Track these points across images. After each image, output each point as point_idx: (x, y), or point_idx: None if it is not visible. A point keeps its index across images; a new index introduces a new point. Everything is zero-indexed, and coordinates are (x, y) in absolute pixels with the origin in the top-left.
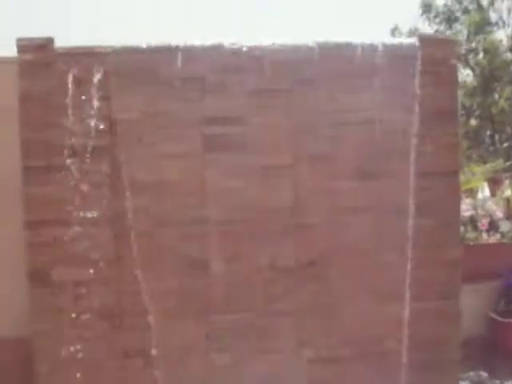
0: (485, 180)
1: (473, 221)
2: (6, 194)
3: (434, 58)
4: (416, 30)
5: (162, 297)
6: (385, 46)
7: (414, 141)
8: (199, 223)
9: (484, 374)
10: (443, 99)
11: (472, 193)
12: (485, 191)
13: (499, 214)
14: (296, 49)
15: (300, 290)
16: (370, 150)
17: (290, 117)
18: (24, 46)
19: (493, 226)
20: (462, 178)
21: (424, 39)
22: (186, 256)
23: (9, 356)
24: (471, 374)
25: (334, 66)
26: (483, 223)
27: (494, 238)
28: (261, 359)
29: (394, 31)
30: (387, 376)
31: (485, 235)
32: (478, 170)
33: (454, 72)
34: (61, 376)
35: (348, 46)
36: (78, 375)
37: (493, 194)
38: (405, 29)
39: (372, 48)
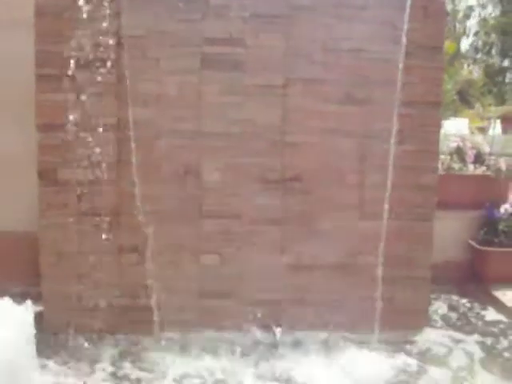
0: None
1: (459, 152)
2: (22, 99)
3: None
4: None
5: (157, 200)
6: None
7: (399, 71)
8: (194, 135)
9: (458, 298)
10: (431, 34)
11: (483, 130)
12: (497, 128)
13: (486, 148)
14: None
15: (285, 201)
16: (358, 77)
17: (285, 41)
18: None
19: (479, 159)
20: (474, 113)
21: None
22: (182, 165)
23: (18, 248)
24: (446, 296)
25: None
26: (469, 155)
27: (480, 171)
28: (245, 261)
29: None
30: (361, 287)
31: (471, 167)
32: (492, 109)
33: (442, 8)
34: (64, 266)
35: None
36: (79, 266)
37: (504, 132)
38: None
39: None
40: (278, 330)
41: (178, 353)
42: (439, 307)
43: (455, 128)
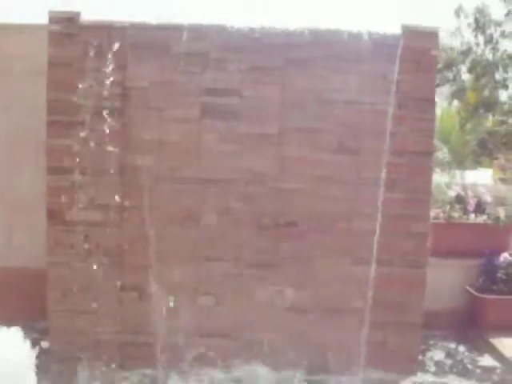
0: None
1: (460, 201)
2: (38, 143)
3: (415, 48)
4: (483, 8)
5: (158, 242)
6: (369, 34)
7: (390, 122)
8: (194, 181)
9: (454, 345)
10: (422, 86)
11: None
12: None
13: (487, 197)
14: (290, 33)
15: (279, 246)
16: (351, 127)
17: (280, 92)
18: (54, 17)
19: (479, 208)
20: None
21: (407, 30)
22: (182, 209)
23: (29, 284)
24: (443, 342)
25: (324, 50)
26: (471, 204)
27: (481, 219)
28: (241, 304)
29: (458, 11)
30: (352, 331)
31: (472, 216)
32: None
33: (433, 62)
34: (69, 302)
35: (336, 33)
36: (83, 302)
37: None
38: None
39: (357, 36)
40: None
41: None
42: (435, 353)
43: (477, 179)
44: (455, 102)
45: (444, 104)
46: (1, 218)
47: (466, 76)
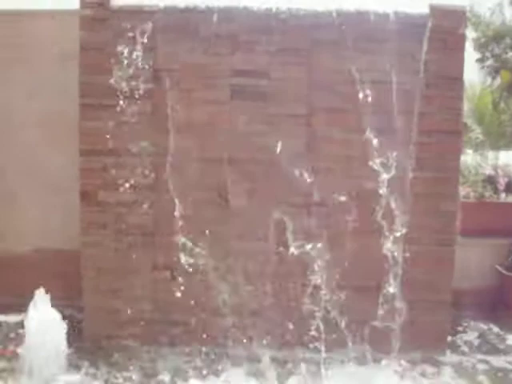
0: None
1: (491, 181)
2: (68, 126)
3: (442, 27)
4: None
5: (188, 222)
6: (396, 14)
7: (418, 101)
8: (224, 161)
9: (484, 325)
10: (450, 65)
11: None
12: None
13: None
14: (317, 14)
15: (310, 225)
16: (379, 107)
17: (308, 73)
18: (85, 2)
19: (510, 188)
20: None
21: (434, 9)
22: (212, 189)
23: (64, 265)
24: (472, 322)
25: (351, 30)
26: (501, 183)
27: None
28: (267, 280)
29: None
30: (382, 309)
31: (503, 195)
32: None
33: (461, 41)
34: (104, 280)
35: (363, 14)
36: (116, 281)
37: None
38: None
39: (384, 16)
40: None
41: None
42: (465, 332)
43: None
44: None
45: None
46: (36, 201)
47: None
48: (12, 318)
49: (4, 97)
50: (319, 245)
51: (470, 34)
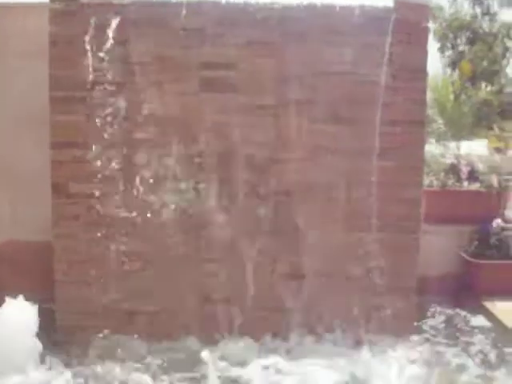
0: None
1: (454, 170)
2: (41, 119)
3: (406, 20)
4: None
5: (157, 210)
6: (362, 7)
7: (383, 92)
8: (195, 153)
9: (448, 309)
10: (414, 58)
11: (502, 151)
12: None
13: (480, 166)
14: (286, 7)
15: (277, 215)
16: (345, 98)
17: (276, 65)
18: None
19: (472, 176)
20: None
21: (399, 3)
22: (184, 180)
23: (34, 256)
24: (437, 308)
25: (318, 23)
26: (463, 172)
27: (474, 187)
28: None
29: None
30: (348, 297)
31: (465, 183)
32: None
33: (425, 34)
34: (75, 272)
35: (330, 7)
36: (88, 272)
37: None
38: None
39: (350, 9)
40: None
41: None
42: (430, 317)
43: (472, 149)
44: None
45: (444, 73)
46: (3, 194)
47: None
48: None
49: None
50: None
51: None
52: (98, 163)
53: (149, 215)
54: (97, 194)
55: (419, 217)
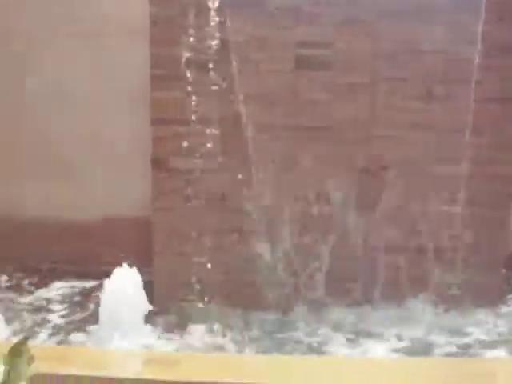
0: None
1: None
2: (139, 97)
3: None
4: None
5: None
6: None
7: (474, 70)
8: (291, 128)
9: None
10: (506, 35)
11: None
12: None
13: None
14: None
15: (374, 190)
16: (438, 75)
17: (371, 44)
18: None
19: None
20: None
21: None
22: (280, 155)
23: (127, 233)
24: None
25: (412, 1)
26: None
27: None
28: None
29: None
30: (439, 271)
31: None
32: None
33: None
34: (174, 244)
35: None
36: (186, 245)
37: None
38: None
39: None
40: None
41: None
42: None
43: None
44: None
45: None
46: (98, 170)
47: None
48: (87, 284)
49: (68, 71)
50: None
51: None
52: (197, 139)
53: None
54: (196, 168)
55: (510, 193)
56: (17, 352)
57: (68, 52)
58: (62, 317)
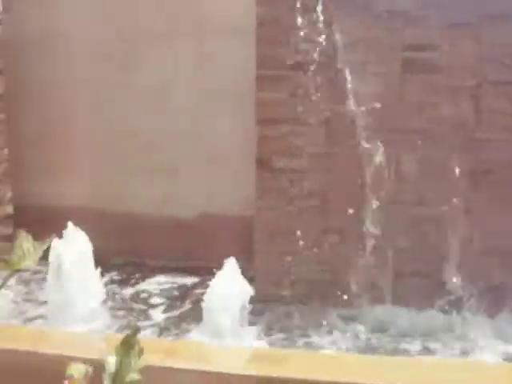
0: None
1: None
2: (242, 97)
3: None
4: None
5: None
6: None
7: None
8: (397, 130)
9: None
10: None
11: None
12: None
13: None
14: None
15: (477, 192)
16: None
17: (476, 47)
18: None
19: None
20: None
21: None
22: (383, 155)
23: (226, 231)
24: None
25: None
26: None
27: None
28: (436, 247)
29: None
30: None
31: None
32: None
33: None
34: (276, 243)
35: None
36: (288, 244)
37: None
38: None
39: None
40: None
41: None
42: None
43: None
44: None
45: None
46: (199, 167)
47: None
48: (188, 280)
49: (171, 71)
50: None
51: None
52: (302, 139)
53: None
54: (300, 169)
55: None
56: (128, 344)
57: (171, 52)
58: (164, 312)
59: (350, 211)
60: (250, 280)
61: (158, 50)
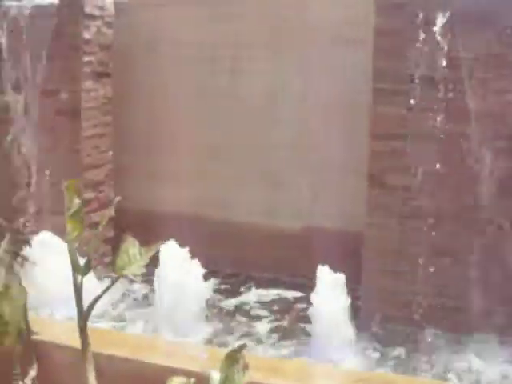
0: None
1: None
2: (354, 109)
3: None
4: None
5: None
6: None
7: None
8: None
9: None
10: None
11: None
12: None
13: None
14: None
15: None
16: None
17: None
18: None
19: None
20: None
21: None
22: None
23: (329, 245)
24: None
25: None
26: None
27: None
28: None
29: None
30: None
31: None
32: None
33: None
34: (385, 262)
35: None
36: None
37: None
38: None
39: None
40: None
41: None
42: None
43: None
44: None
45: None
46: (305, 179)
47: None
48: (290, 294)
49: (279, 81)
50: None
51: None
52: (416, 156)
53: None
54: (413, 186)
55: None
56: (233, 359)
57: (278, 62)
58: (266, 324)
59: (464, 232)
60: (354, 297)
61: (263, 59)
